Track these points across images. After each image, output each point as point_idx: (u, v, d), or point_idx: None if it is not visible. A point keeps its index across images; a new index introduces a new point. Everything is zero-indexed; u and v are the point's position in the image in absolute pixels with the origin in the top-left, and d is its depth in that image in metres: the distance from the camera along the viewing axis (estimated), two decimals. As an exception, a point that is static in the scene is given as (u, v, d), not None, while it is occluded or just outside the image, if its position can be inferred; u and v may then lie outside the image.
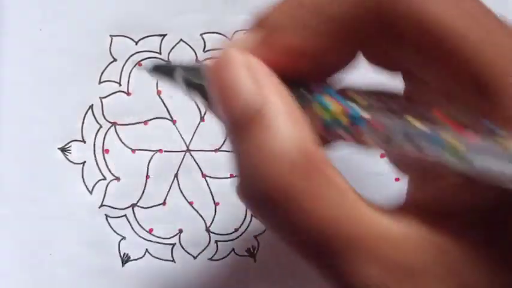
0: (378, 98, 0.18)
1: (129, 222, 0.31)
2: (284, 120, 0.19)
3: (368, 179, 0.31)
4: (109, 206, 0.30)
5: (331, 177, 0.18)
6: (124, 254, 0.30)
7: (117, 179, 0.31)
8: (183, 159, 0.31)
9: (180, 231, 0.31)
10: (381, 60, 0.20)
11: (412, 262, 0.18)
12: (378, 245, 0.18)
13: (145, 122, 0.31)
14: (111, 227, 0.30)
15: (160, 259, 0.31)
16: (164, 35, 0.32)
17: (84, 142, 0.30)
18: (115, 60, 0.31)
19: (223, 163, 0.31)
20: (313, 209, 0.18)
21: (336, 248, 0.18)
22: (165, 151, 0.31)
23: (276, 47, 0.20)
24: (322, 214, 0.18)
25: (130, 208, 0.31)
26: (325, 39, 0.19)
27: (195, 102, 0.32)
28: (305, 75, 0.20)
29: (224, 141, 0.32)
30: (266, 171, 0.18)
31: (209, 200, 0.31)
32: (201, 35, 0.32)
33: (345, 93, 0.19)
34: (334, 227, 0.18)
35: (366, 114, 0.18)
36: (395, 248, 0.18)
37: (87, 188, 0.30)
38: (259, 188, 0.19)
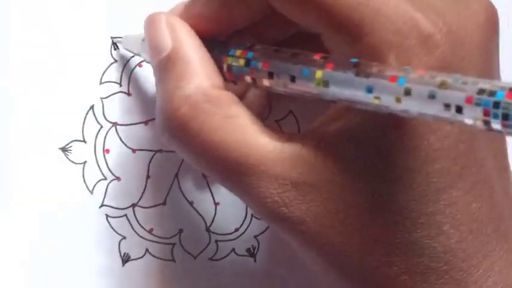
0: (276, 50, 0.23)
1: (129, 222, 0.31)
2: (192, 63, 0.24)
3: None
4: (109, 206, 0.31)
5: (229, 111, 0.23)
6: (124, 253, 0.30)
7: (118, 178, 0.31)
8: (183, 159, 0.31)
9: (181, 231, 0.31)
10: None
11: (296, 177, 0.22)
12: (268, 164, 0.22)
13: (145, 122, 0.31)
14: (111, 226, 0.30)
15: (160, 259, 0.31)
16: (164, 36, 0.32)
17: (85, 142, 0.31)
18: (116, 61, 0.31)
19: (223, 163, 0.31)
20: (211, 139, 0.23)
21: (234, 170, 0.22)
22: (165, 151, 0.31)
23: (193, 15, 0.25)
24: (216, 141, 0.22)
25: (131, 208, 0.31)
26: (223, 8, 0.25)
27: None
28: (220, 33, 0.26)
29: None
30: (172, 110, 0.23)
31: (209, 199, 0.31)
32: (201, 36, 0.32)
33: (252, 47, 0.24)
34: (227, 152, 0.22)
35: (258, 57, 0.23)
36: (282, 166, 0.22)
37: (88, 188, 0.30)
38: (168, 125, 0.23)
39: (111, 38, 0.31)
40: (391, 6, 0.21)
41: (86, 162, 0.30)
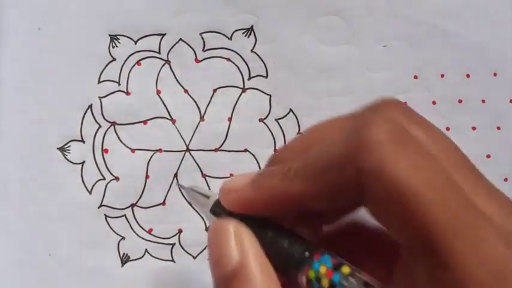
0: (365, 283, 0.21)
1: (128, 222, 0.31)
2: (259, 285, 0.23)
3: None
4: (108, 206, 0.30)
5: None
6: (123, 254, 0.30)
7: (117, 178, 0.31)
8: (182, 159, 0.31)
9: (180, 231, 0.31)
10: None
11: None
12: None
13: (144, 122, 0.31)
14: (110, 227, 0.30)
15: (160, 259, 0.31)
16: (163, 35, 0.31)
17: (83, 142, 0.30)
18: (114, 59, 0.31)
19: (223, 163, 0.31)
20: None
21: None
22: (165, 151, 0.31)
23: (263, 188, 0.24)
24: None
25: (130, 208, 0.31)
26: (307, 187, 0.23)
27: (195, 101, 0.32)
28: (294, 219, 0.24)
29: (224, 141, 0.32)
30: None
31: (209, 199, 0.31)
32: (201, 34, 0.32)
33: (340, 266, 0.22)
34: None
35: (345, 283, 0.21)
36: None
37: (87, 188, 0.30)
38: None
39: (110, 36, 0.31)
40: (489, 245, 0.20)
41: (84, 162, 0.30)
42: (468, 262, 0.20)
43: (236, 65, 0.32)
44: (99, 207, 0.30)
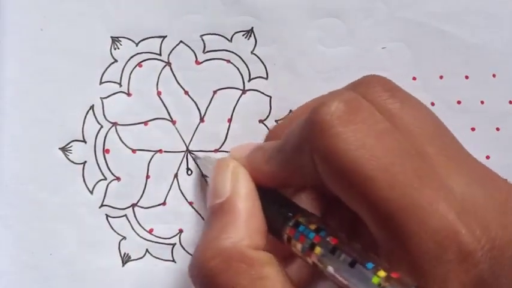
0: (342, 243, 0.23)
1: (129, 222, 0.31)
2: (239, 219, 0.24)
3: None
4: (109, 206, 0.31)
5: (260, 272, 0.23)
6: (124, 254, 0.30)
7: (118, 179, 0.31)
8: (182, 159, 0.31)
9: (181, 231, 0.31)
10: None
11: None
12: None
13: (145, 123, 0.31)
14: (111, 226, 0.30)
15: (160, 259, 0.31)
16: (164, 37, 0.32)
17: (85, 142, 0.30)
18: (116, 61, 0.31)
19: (223, 163, 0.31)
20: None
21: None
22: (165, 151, 0.31)
23: (252, 166, 0.27)
24: None
25: (131, 208, 0.31)
26: (279, 169, 0.25)
27: (195, 103, 0.32)
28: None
29: (224, 142, 0.32)
30: (205, 259, 0.23)
31: (209, 200, 0.31)
32: (201, 36, 0.32)
33: (320, 230, 0.24)
34: None
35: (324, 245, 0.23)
36: None
37: (88, 188, 0.30)
38: (198, 271, 0.24)
39: (111, 37, 0.31)
40: (437, 216, 0.21)
41: (86, 162, 0.30)
42: (415, 234, 0.20)
43: (236, 67, 0.32)
44: (100, 207, 0.30)
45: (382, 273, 0.20)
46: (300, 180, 0.26)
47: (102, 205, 0.30)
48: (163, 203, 0.31)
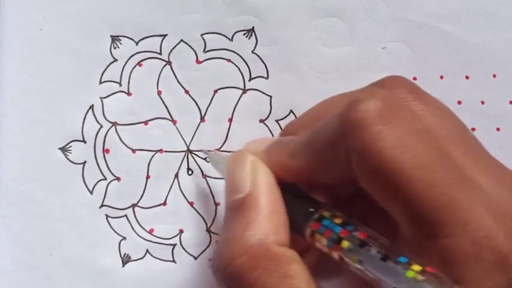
0: (370, 237, 0.22)
1: (129, 222, 0.31)
2: (263, 215, 0.24)
3: None
4: (109, 206, 0.30)
5: (287, 270, 0.22)
6: (124, 254, 0.30)
7: (118, 179, 0.31)
8: (183, 159, 0.31)
9: (181, 231, 0.31)
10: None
11: None
12: None
13: (145, 122, 0.31)
14: (111, 227, 0.30)
15: (160, 259, 0.31)
16: (164, 36, 0.32)
17: (85, 142, 0.30)
18: (115, 60, 0.31)
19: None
20: None
21: None
22: (166, 151, 0.31)
23: (273, 160, 0.26)
24: None
25: (131, 208, 0.31)
26: (306, 165, 0.25)
27: (195, 102, 0.32)
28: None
29: (224, 141, 0.32)
30: (231, 257, 0.23)
31: (210, 200, 0.31)
32: (202, 35, 0.32)
33: (346, 225, 0.23)
34: None
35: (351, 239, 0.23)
36: None
37: (88, 188, 0.30)
38: (224, 269, 0.23)
39: (111, 36, 0.31)
40: (475, 216, 0.21)
41: (85, 162, 0.30)
42: (453, 233, 0.20)
43: (237, 66, 0.32)
44: (100, 207, 0.30)
45: (416, 267, 0.20)
46: (327, 177, 0.25)
47: (102, 205, 0.30)
48: (164, 203, 0.31)
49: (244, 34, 0.32)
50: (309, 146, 0.25)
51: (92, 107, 0.30)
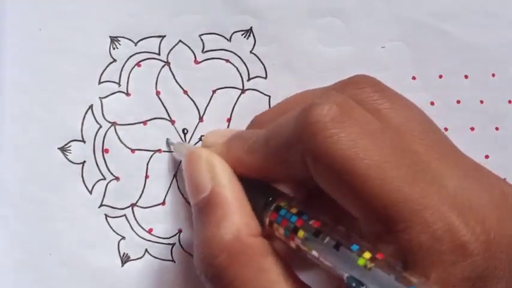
0: (324, 224, 0.23)
1: (128, 222, 0.31)
2: (231, 210, 0.24)
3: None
4: (108, 206, 0.31)
5: (261, 264, 0.23)
6: (123, 254, 0.30)
7: (117, 178, 0.31)
8: (181, 159, 0.31)
9: (180, 231, 0.31)
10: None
11: None
12: None
13: (144, 122, 0.31)
14: (110, 226, 0.30)
15: (160, 259, 0.31)
16: (163, 36, 0.32)
17: (84, 142, 0.30)
18: (114, 60, 0.31)
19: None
20: None
21: None
22: (164, 151, 0.31)
23: (235, 157, 0.26)
24: None
25: (130, 208, 0.31)
26: (261, 163, 0.25)
27: (194, 103, 0.32)
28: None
29: (223, 141, 0.32)
30: (210, 257, 0.24)
31: (208, 200, 0.31)
32: (200, 36, 0.32)
33: (301, 214, 0.24)
34: None
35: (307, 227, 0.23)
36: None
37: (87, 188, 0.30)
38: (206, 271, 0.24)
39: (110, 37, 0.31)
40: (430, 208, 0.21)
41: (85, 162, 0.30)
42: (409, 226, 0.21)
43: (235, 66, 0.32)
44: (99, 207, 0.30)
45: (367, 255, 0.21)
46: (284, 175, 0.26)
47: (101, 205, 0.30)
48: (163, 203, 0.31)
49: (242, 34, 0.32)
50: (266, 145, 0.25)
51: (91, 107, 0.31)
